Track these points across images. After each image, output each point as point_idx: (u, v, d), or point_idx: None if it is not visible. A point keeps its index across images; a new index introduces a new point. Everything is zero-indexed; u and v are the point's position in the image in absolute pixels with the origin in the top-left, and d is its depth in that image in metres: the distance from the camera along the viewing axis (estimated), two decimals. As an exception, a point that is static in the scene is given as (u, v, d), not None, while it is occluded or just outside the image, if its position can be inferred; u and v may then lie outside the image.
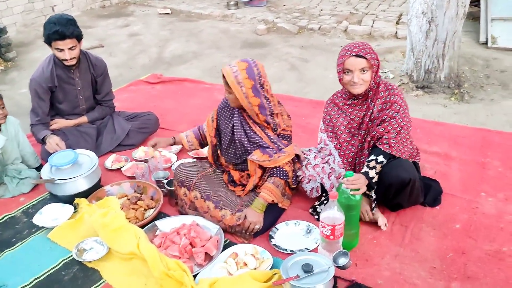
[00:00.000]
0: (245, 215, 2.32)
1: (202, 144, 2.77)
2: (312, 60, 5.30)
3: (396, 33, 5.97)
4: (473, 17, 6.11)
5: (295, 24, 6.51)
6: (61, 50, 2.94)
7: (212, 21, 7.15)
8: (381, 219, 2.35)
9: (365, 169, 2.27)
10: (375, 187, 2.30)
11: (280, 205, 2.48)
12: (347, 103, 2.43)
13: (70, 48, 2.94)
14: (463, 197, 2.61)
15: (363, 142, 2.40)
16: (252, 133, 2.44)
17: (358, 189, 2.13)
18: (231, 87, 2.28)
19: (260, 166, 2.46)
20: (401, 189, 2.29)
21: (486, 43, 5.37)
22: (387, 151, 2.27)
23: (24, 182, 2.84)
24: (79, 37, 2.98)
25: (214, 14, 7.36)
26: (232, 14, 7.23)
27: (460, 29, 4.23)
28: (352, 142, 2.43)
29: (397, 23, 6.31)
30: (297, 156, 2.52)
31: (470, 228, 2.37)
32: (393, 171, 2.24)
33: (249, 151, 2.46)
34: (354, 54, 2.21)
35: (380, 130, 2.30)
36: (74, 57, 3.01)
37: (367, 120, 2.36)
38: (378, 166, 2.27)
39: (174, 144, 2.83)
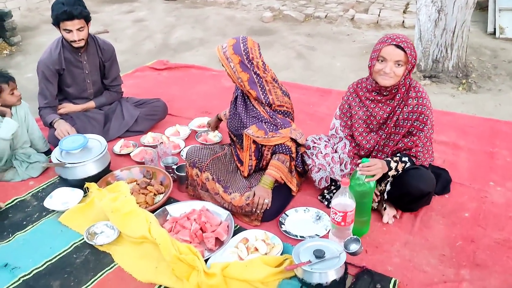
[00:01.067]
0: (254, 192, 2.35)
1: None
2: (319, 48, 5.27)
3: (403, 22, 5.93)
4: (481, 7, 6.06)
5: (301, 12, 6.47)
6: (69, 31, 2.93)
7: (218, 8, 7.10)
8: (386, 216, 2.34)
9: (388, 159, 2.25)
10: (389, 187, 2.29)
11: (290, 185, 2.48)
12: (370, 97, 2.33)
13: (78, 29, 2.93)
14: (471, 186, 2.61)
15: (381, 144, 2.35)
16: (251, 107, 2.48)
17: (373, 175, 2.13)
18: (222, 63, 2.39)
19: (254, 142, 2.47)
20: (418, 199, 2.29)
21: (494, 33, 5.34)
22: (417, 163, 2.26)
23: (33, 166, 2.85)
24: (87, 18, 2.97)
25: (220, 1, 7.30)
26: (238, 1, 7.17)
27: (469, 19, 4.20)
28: (367, 138, 2.37)
29: (404, 12, 6.27)
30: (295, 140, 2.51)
31: (479, 216, 2.38)
32: (414, 182, 2.21)
33: (245, 125, 2.47)
34: (394, 43, 2.10)
35: (409, 144, 2.25)
36: (83, 39, 3.00)
37: (392, 125, 2.29)
38: (401, 165, 2.23)
39: (220, 120, 3.05)
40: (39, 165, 2.86)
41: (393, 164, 2.22)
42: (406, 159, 2.25)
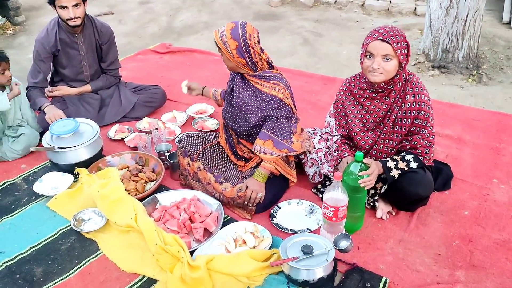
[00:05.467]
0: (246, 185, 2.28)
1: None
2: (326, 35, 5.14)
3: (415, 9, 5.75)
4: (497, -5, 5.85)
5: (310, -3, 6.31)
6: (65, 7, 2.86)
7: (226, -9, 6.96)
8: (380, 211, 2.26)
9: (386, 159, 2.15)
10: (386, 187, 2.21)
11: (289, 177, 2.39)
12: (364, 95, 2.21)
13: (74, 6, 2.86)
14: (474, 183, 2.51)
15: (380, 143, 2.23)
16: (250, 84, 2.32)
17: (367, 168, 2.05)
18: (219, 46, 2.24)
19: None
20: (416, 202, 2.24)
21: (509, 23, 5.15)
22: (425, 162, 2.16)
23: (18, 140, 2.82)
24: None
25: (228, -16, 7.15)
26: (246, -16, 7.01)
27: (482, 7, 4.03)
28: (365, 138, 2.26)
29: (417, -1, 6.07)
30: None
31: (479, 215, 2.28)
32: (411, 187, 2.12)
33: (248, 119, 2.32)
34: (381, 38, 1.99)
35: (413, 143, 2.15)
36: (79, 17, 2.92)
37: (390, 124, 2.17)
38: (403, 164, 2.12)
39: (202, 94, 2.82)
40: (24, 137, 2.83)
41: (391, 164, 2.12)
42: (409, 157, 2.14)
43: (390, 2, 5.95)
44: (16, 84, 2.84)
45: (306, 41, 4.97)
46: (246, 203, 2.28)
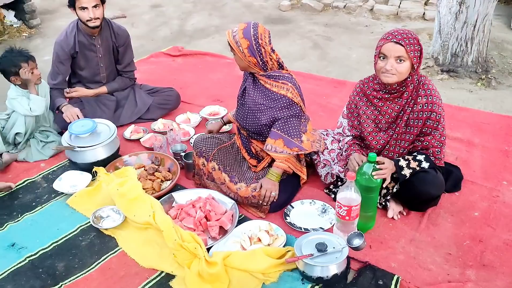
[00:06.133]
0: (261, 185, 2.33)
1: None
2: (336, 39, 5.19)
3: (424, 14, 5.79)
4: (506, 0, 5.88)
5: (319, 1, 6.36)
6: (85, 8, 2.94)
7: (236, -5, 7.03)
8: (391, 211, 2.31)
9: (398, 158, 2.21)
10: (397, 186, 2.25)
11: (300, 174, 2.45)
12: (378, 96, 2.27)
13: (93, 7, 2.95)
14: (483, 185, 2.55)
15: (392, 143, 2.28)
16: (260, 85, 2.40)
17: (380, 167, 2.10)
18: (231, 46, 2.32)
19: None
20: (427, 201, 2.28)
21: (517, 28, 5.18)
22: (436, 162, 2.21)
23: (49, 145, 2.93)
24: None
25: (238, -12, 7.23)
26: (256, -12, 7.08)
27: (491, 12, 4.07)
28: (377, 138, 2.31)
29: (426, 4, 6.11)
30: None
31: (489, 216, 2.32)
32: (423, 187, 2.17)
33: (258, 117, 2.40)
34: (394, 40, 2.05)
35: (425, 143, 2.20)
36: (98, 18, 3.00)
37: (402, 124, 2.22)
38: (414, 163, 2.17)
39: (225, 124, 2.94)
40: (55, 144, 2.92)
41: (402, 163, 2.17)
42: (421, 157, 2.19)
43: (399, 6, 5.99)
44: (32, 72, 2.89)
45: (316, 45, 5.03)
46: (260, 202, 2.34)
